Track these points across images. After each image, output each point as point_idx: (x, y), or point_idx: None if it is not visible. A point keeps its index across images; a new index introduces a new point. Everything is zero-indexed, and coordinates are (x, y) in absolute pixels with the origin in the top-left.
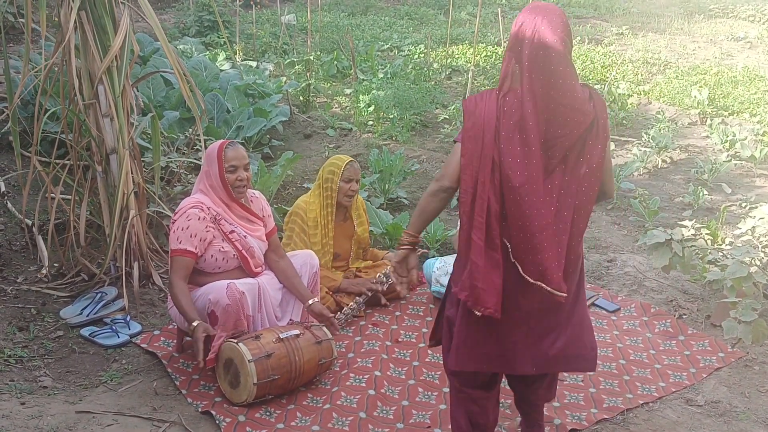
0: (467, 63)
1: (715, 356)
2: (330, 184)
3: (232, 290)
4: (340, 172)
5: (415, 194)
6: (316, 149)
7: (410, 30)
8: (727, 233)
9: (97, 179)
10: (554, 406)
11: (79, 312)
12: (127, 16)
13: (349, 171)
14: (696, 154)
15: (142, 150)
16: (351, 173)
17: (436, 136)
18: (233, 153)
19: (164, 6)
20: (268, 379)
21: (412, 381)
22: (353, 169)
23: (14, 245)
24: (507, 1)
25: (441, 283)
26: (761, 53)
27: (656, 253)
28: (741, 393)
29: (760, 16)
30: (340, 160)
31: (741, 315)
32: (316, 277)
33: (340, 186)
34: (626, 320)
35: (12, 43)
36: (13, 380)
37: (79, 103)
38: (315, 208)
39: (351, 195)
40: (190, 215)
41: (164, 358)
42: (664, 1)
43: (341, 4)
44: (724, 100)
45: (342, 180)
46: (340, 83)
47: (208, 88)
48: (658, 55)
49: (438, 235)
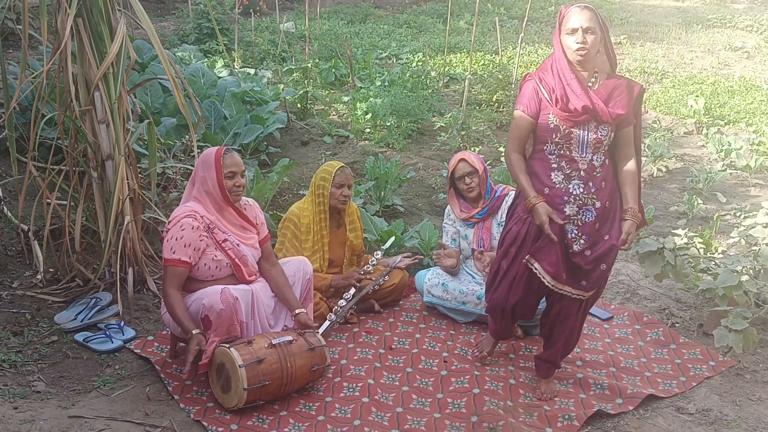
0: (465, 71)
1: (706, 365)
2: (322, 190)
3: (226, 295)
4: (331, 178)
5: (410, 201)
6: (313, 156)
7: (408, 38)
8: (721, 242)
9: (93, 185)
10: (545, 409)
11: (74, 317)
12: (123, 23)
13: (340, 177)
14: (691, 164)
15: (139, 156)
16: (342, 179)
17: (433, 144)
18: (231, 160)
19: (163, 13)
20: (259, 384)
21: (405, 388)
22: (344, 175)
23: (10, 250)
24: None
25: (432, 293)
26: (758, 63)
27: (649, 261)
28: (732, 401)
29: (757, 26)
30: (331, 166)
31: (732, 323)
32: (309, 284)
33: (331, 192)
34: (618, 328)
35: (12, 49)
36: (7, 385)
37: (75, 110)
38: (308, 215)
39: (344, 200)
40: (183, 224)
41: (157, 363)
42: (662, 11)
43: (340, 13)
44: (720, 109)
45: (333, 186)
46: (338, 91)
47: (206, 95)
48: (655, 64)
49: (433, 242)
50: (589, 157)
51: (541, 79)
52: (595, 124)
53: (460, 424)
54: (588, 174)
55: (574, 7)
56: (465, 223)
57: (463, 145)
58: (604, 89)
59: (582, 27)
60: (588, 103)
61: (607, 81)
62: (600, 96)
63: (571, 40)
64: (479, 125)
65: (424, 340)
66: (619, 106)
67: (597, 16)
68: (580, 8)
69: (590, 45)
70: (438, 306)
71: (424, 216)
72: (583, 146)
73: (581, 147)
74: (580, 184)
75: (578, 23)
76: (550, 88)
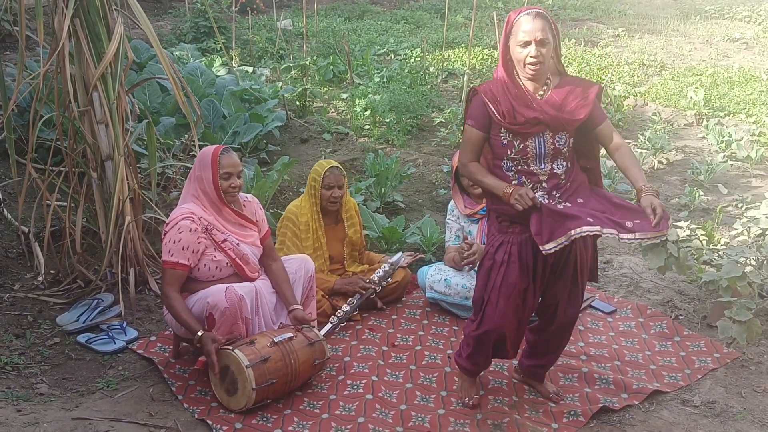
0: (463, 66)
1: (711, 357)
2: (314, 191)
3: (230, 293)
4: (321, 179)
5: (411, 198)
6: (312, 154)
7: (406, 34)
8: (724, 234)
9: (93, 186)
10: (550, 405)
11: (76, 319)
12: (120, 23)
13: (329, 178)
14: (692, 155)
15: (139, 156)
16: (331, 180)
17: (433, 140)
18: (228, 160)
19: (160, 12)
20: (267, 383)
21: (409, 385)
22: (333, 176)
23: (10, 252)
24: (503, 5)
25: (435, 289)
26: (757, 54)
27: (651, 254)
28: (737, 393)
29: (756, 17)
30: (321, 166)
31: (735, 315)
32: (311, 281)
33: (321, 193)
34: (622, 322)
35: (9, 51)
36: (10, 387)
37: (74, 110)
38: (306, 213)
39: (334, 201)
40: (181, 227)
41: (160, 363)
42: (660, 3)
43: (337, 9)
44: (720, 101)
45: (323, 187)
46: (337, 88)
47: (205, 93)
48: (654, 56)
49: (434, 238)
50: (549, 167)
51: (486, 92)
52: (551, 133)
53: (465, 420)
54: (551, 184)
55: (525, 15)
56: (469, 219)
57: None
58: (556, 95)
59: (535, 39)
60: (538, 114)
61: (559, 86)
62: (552, 103)
63: (522, 53)
64: None
65: (427, 336)
66: (576, 111)
67: (550, 23)
68: (531, 17)
69: (544, 58)
70: (441, 302)
71: (425, 212)
72: (540, 158)
73: (538, 159)
74: (544, 195)
75: (531, 35)
76: (497, 102)
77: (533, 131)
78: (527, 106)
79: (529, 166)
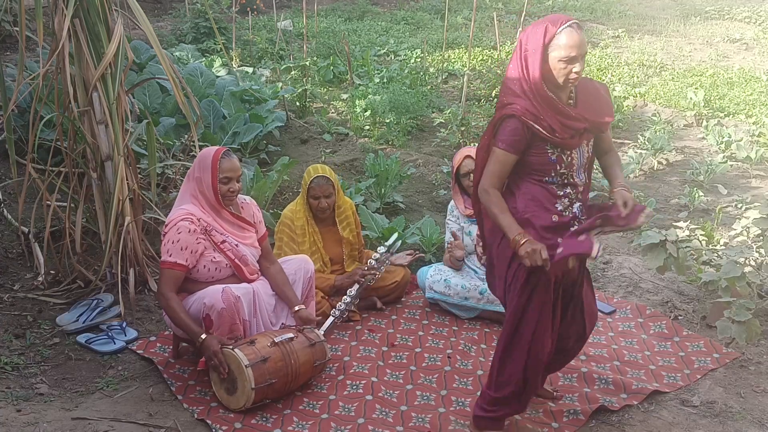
0: (463, 67)
1: (710, 357)
2: (305, 196)
3: (227, 294)
4: (307, 188)
5: (411, 198)
6: (312, 154)
7: (407, 35)
8: (723, 234)
9: (93, 186)
10: (550, 405)
11: (76, 319)
12: (120, 24)
13: (314, 189)
14: (692, 156)
15: (139, 156)
16: (317, 191)
17: (432, 140)
18: (228, 164)
19: (160, 13)
20: (266, 383)
21: (409, 385)
22: (319, 188)
23: (10, 253)
24: (503, 5)
25: (435, 289)
26: (757, 54)
27: (651, 254)
28: (736, 393)
29: (756, 18)
30: (309, 174)
31: (735, 315)
32: (311, 282)
33: (309, 202)
34: (621, 322)
35: (9, 52)
36: (10, 387)
37: (73, 111)
38: (301, 217)
39: (322, 210)
40: (180, 228)
41: (160, 364)
42: (660, 4)
43: (338, 10)
44: (720, 101)
45: (310, 197)
46: (337, 88)
47: (204, 94)
48: (654, 57)
49: (434, 239)
50: (584, 177)
51: (525, 113)
52: (586, 141)
53: (465, 420)
54: (585, 197)
55: (568, 28)
56: (469, 220)
57: (463, 141)
58: (583, 100)
59: (581, 55)
60: (581, 123)
61: (579, 91)
62: (586, 108)
63: (565, 68)
64: (479, 121)
65: (427, 337)
66: (604, 112)
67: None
68: (573, 30)
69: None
70: (440, 302)
71: (424, 212)
72: (580, 169)
73: (578, 170)
74: (580, 205)
75: (576, 51)
76: (539, 120)
77: (579, 142)
78: (569, 117)
79: (573, 178)
